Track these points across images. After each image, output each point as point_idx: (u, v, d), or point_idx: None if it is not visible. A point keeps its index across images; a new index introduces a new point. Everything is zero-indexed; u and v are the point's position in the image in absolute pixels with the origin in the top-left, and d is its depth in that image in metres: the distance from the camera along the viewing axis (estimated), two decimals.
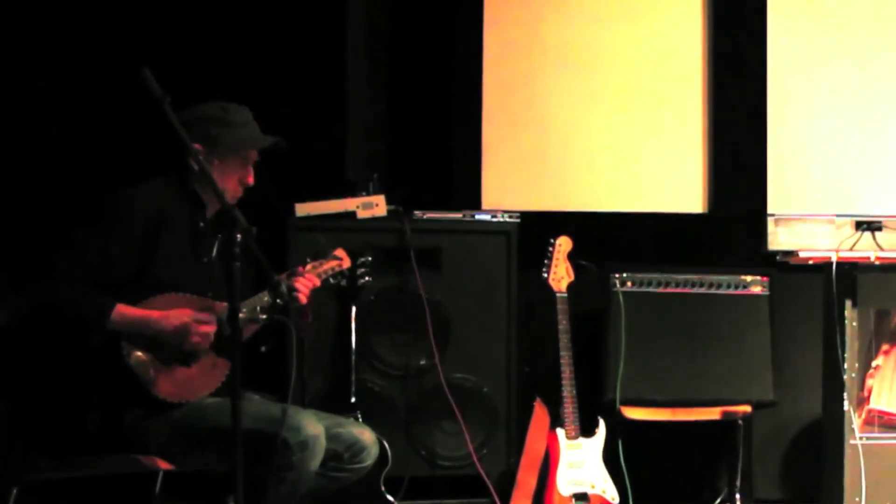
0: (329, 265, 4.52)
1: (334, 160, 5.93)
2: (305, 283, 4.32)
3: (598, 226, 6.13)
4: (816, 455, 5.32)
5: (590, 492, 5.32)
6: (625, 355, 5.56)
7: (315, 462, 4.18)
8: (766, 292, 5.70)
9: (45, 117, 5.40)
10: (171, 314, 4.11)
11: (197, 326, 4.10)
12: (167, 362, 4.14)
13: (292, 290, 4.26)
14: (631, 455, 5.45)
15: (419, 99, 6.13)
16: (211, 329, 4.14)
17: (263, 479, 4.10)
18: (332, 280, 4.65)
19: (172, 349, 4.13)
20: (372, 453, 4.46)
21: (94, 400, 4.12)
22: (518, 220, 5.53)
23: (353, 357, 5.16)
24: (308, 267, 4.44)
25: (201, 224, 4.31)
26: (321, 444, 4.19)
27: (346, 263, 4.62)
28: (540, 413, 5.43)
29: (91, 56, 5.45)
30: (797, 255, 5.17)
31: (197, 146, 4.09)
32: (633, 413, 5.56)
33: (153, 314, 4.10)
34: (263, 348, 4.40)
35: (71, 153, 5.41)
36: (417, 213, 5.45)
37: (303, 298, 4.29)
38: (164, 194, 4.27)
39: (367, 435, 4.47)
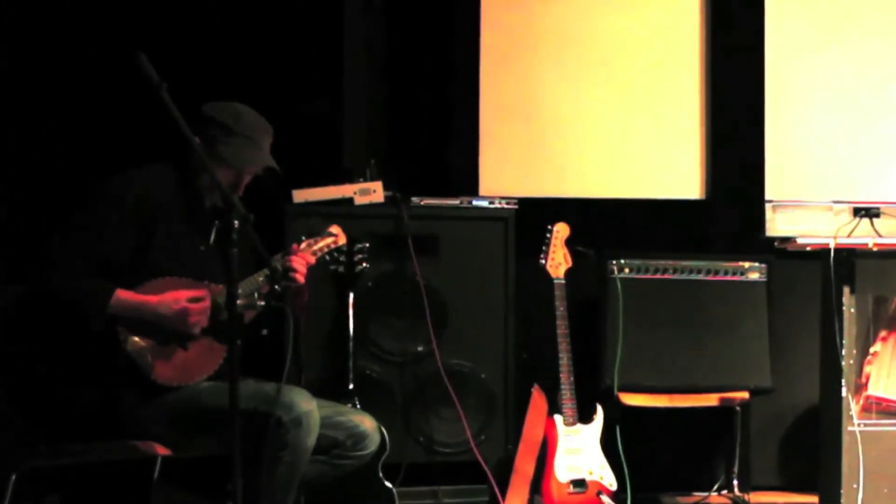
0: (324, 242, 4.50)
1: (332, 146, 5.92)
2: (300, 262, 4.31)
3: (596, 212, 6.14)
4: (814, 442, 5.31)
5: (587, 478, 5.32)
6: (622, 342, 5.56)
7: (311, 439, 4.18)
8: (764, 279, 5.71)
9: (43, 104, 5.39)
10: (167, 297, 4.10)
11: (193, 306, 4.10)
12: (165, 347, 4.13)
13: (289, 269, 4.25)
14: (629, 441, 5.45)
15: (417, 85, 6.12)
16: (205, 306, 4.13)
17: (261, 460, 4.10)
18: (328, 258, 4.64)
19: (170, 333, 4.12)
20: (374, 440, 4.47)
21: (92, 386, 4.12)
22: (516, 207, 5.52)
23: (351, 343, 5.15)
24: (303, 245, 4.43)
25: (199, 212, 4.30)
26: (315, 420, 4.19)
27: (342, 240, 4.61)
28: (538, 399, 5.43)
29: (89, 43, 5.44)
30: (795, 241, 5.15)
31: (196, 139, 4.08)
32: (631, 399, 5.57)
33: (150, 299, 4.09)
34: (265, 331, 4.39)
35: (69, 139, 5.40)
36: (415, 199, 5.44)
37: (300, 278, 4.28)
38: (160, 181, 4.27)
39: (367, 422, 4.47)
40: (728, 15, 6.32)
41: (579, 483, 5.31)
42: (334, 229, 4.59)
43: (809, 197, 6.25)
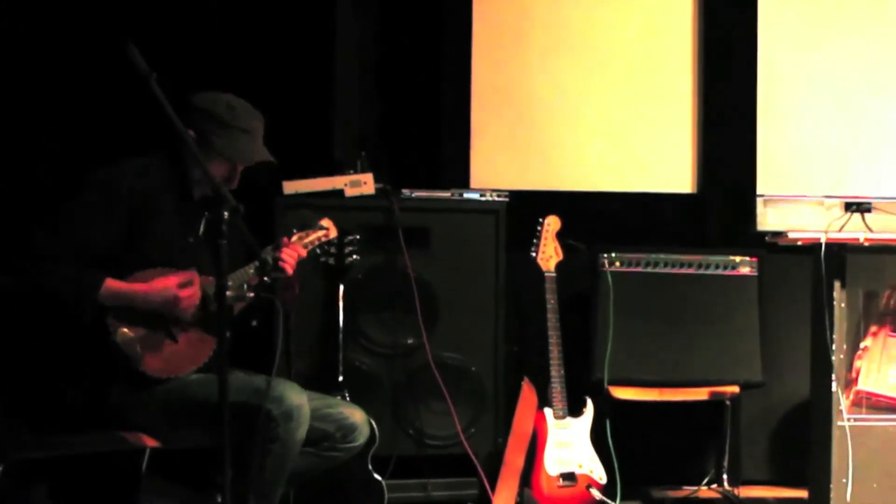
0: (315, 235, 4.50)
1: (322, 138, 5.91)
2: (291, 254, 4.30)
3: (587, 205, 6.13)
4: (804, 436, 5.31)
5: (577, 471, 5.32)
6: (613, 335, 5.56)
7: (301, 432, 4.18)
8: (755, 273, 5.71)
9: (30, 94, 5.37)
10: (156, 284, 4.09)
11: (182, 292, 4.09)
12: (154, 338, 4.12)
13: (278, 261, 4.24)
14: (619, 435, 5.45)
15: (408, 76, 6.11)
16: (195, 291, 4.12)
17: (250, 453, 4.09)
18: (319, 251, 4.63)
19: (160, 323, 4.11)
20: (363, 433, 4.47)
21: (80, 377, 4.11)
22: (507, 200, 5.51)
23: (341, 335, 5.15)
24: (294, 238, 4.43)
25: (189, 204, 4.29)
26: (305, 414, 4.19)
27: (333, 233, 4.61)
28: (528, 393, 5.42)
29: (79, 32, 5.42)
30: (786, 236, 5.15)
31: (190, 131, 4.06)
32: (621, 393, 5.56)
33: (139, 286, 4.08)
34: (254, 322, 4.39)
35: (58, 129, 5.38)
36: (405, 191, 5.43)
37: (289, 270, 4.28)
38: (151, 173, 4.25)
39: (357, 415, 4.47)
40: (721, 9, 6.31)
41: (569, 476, 5.31)
42: (325, 222, 4.59)
43: (801, 191, 6.26)
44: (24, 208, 5.02)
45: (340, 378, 5.09)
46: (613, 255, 5.66)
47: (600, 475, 5.36)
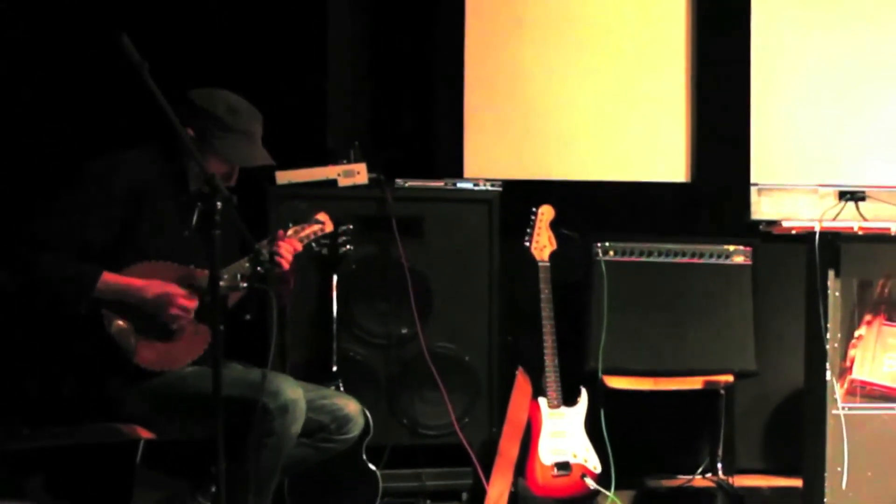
0: (311, 229, 4.50)
1: (315, 127, 5.89)
2: (287, 248, 4.29)
3: (581, 195, 6.12)
4: (798, 425, 5.31)
5: (572, 461, 5.32)
6: (607, 324, 5.55)
7: (296, 426, 4.18)
8: (749, 262, 5.71)
9: (29, 85, 5.35)
10: (154, 284, 4.08)
11: (179, 300, 4.08)
12: (149, 331, 4.11)
13: (274, 255, 4.23)
14: (613, 424, 5.45)
15: (401, 66, 6.09)
16: (193, 304, 4.11)
17: (245, 446, 4.09)
18: (314, 245, 4.63)
19: (153, 318, 4.10)
20: (358, 424, 4.48)
21: (74, 369, 4.09)
22: (500, 189, 5.50)
23: (335, 326, 5.15)
24: (290, 232, 4.41)
25: (184, 196, 4.28)
26: (301, 408, 4.19)
27: (329, 227, 4.60)
28: (522, 382, 5.42)
29: (72, 23, 5.41)
30: (780, 225, 5.14)
31: (189, 130, 4.06)
32: (616, 382, 5.56)
33: (136, 282, 4.07)
34: (248, 316, 4.38)
35: (55, 121, 5.36)
36: (399, 181, 5.43)
37: (285, 264, 4.27)
38: (147, 165, 4.24)
39: (352, 406, 4.47)
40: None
41: (563, 466, 5.31)
42: (322, 216, 4.58)
43: (795, 180, 6.25)
44: (18, 202, 4.99)
45: (334, 368, 5.08)
46: (607, 244, 5.65)
47: (595, 464, 5.36)
